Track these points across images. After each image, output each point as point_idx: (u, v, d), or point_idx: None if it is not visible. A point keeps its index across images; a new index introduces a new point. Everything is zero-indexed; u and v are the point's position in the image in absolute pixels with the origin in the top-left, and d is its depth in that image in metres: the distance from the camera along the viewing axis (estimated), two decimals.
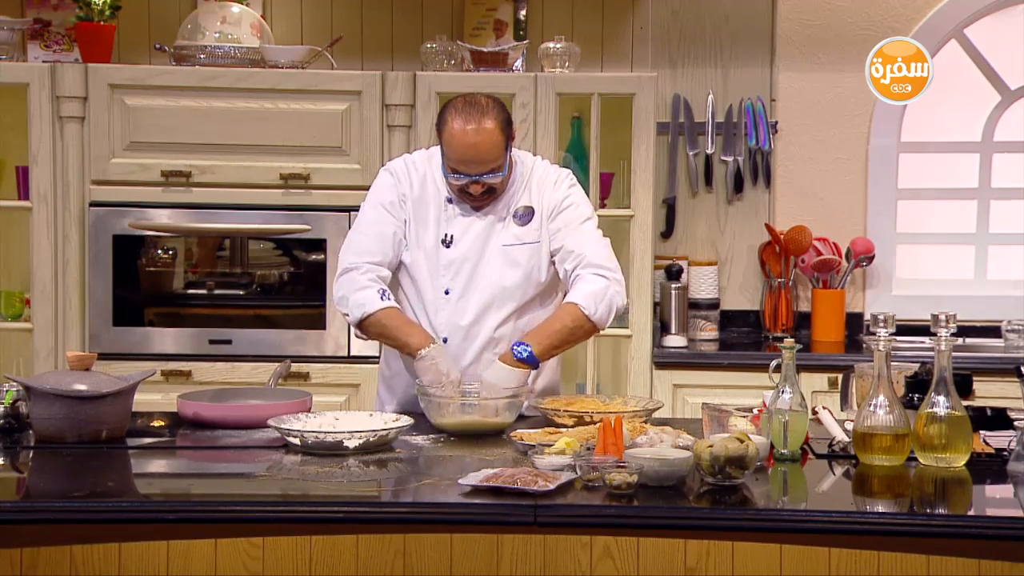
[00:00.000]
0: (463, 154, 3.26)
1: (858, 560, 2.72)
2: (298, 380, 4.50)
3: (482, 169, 3.28)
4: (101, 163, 4.61)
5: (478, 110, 3.25)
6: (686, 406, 4.55)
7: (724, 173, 5.12)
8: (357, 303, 3.32)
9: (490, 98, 3.34)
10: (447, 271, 3.38)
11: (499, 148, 3.27)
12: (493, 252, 3.37)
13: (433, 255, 3.39)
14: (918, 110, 5.08)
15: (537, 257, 3.38)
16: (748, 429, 2.78)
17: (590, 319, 3.29)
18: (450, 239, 3.38)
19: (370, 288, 3.32)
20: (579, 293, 3.31)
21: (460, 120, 3.25)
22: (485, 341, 3.38)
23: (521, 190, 3.40)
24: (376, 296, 3.31)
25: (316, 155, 4.63)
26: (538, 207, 3.39)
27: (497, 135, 3.26)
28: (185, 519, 2.51)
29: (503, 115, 3.30)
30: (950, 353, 2.75)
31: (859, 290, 5.12)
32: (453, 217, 3.39)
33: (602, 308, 3.30)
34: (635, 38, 5.09)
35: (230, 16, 4.79)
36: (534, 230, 3.38)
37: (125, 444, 2.96)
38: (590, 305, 3.29)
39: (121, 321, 4.64)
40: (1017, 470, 2.71)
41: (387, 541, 2.80)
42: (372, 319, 3.31)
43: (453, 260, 3.38)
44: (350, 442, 2.86)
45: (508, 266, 3.37)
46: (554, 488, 2.50)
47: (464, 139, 3.24)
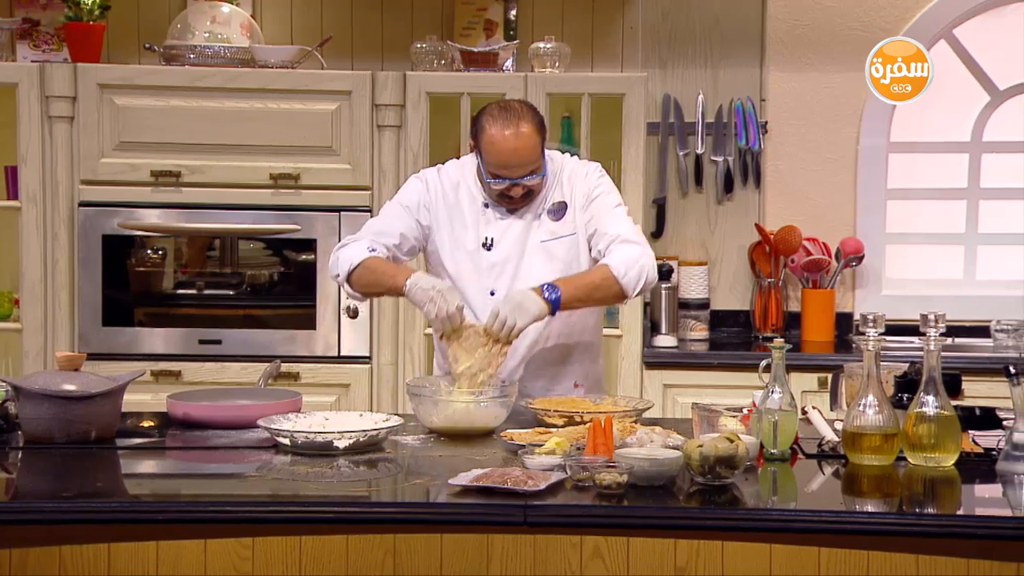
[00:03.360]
0: (504, 159, 3.34)
1: (847, 560, 2.73)
2: (288, 380, 4.49)
3: (522, 172, 3.36)
4: (90, 163, 4.60)
5: (515, 115, 3.35)
6: (676, 406, 4.55)
7: (714, 173, 5.13)
8: (345, 258, 3.40)
9: (523, 103, 3.46)
10: (490, 273, 3.46)
11: (537, 150, 3.37)
12: (532, 250, 3.46)
13: (476, 258, 3.46)
14: (907, 110, 5.09)
15: (575, 249, 3.47)
16: (738, 429, 2.78)
17: (618, 281, 3.30)
18: (491, 242, 3.46)
19: (359, 244, 3.41)
20: (612, 257, 3.35)
21: (499, 126, 3.33)
22: (535, 338, 3.43)
23: (554, 187, 3.48)
24: (364, 249, 3.39)
25: (306, 155, 4.62)
26: (570, 200, 3.47)
27: (535, 137, 3.35)
28: (174, 520, 2.50)
29: (537, 117, 3.40)
30: (939, 353, 2.76)
31: (848, 290, 5.12)
32: (492, 221, 3.47)
33: (632, 273, 3.31)
34: (625, 38, 5.09)
35: (220, 16, 4.78)
36: (568, 223, 3.47)
37: (114, 444, 2.95)
38: (621, 268, 3.31)
39: (110, 321, 4.63)
40: (1006, 470, 2.71)
41: (377, 541, 2.80)
42: (358, 269, 3.37)
43: (495, 262, 3.46)
44: (340, 442, 2.86)
45: (547, 261, 3.45)
46: (544, 488, 2.50)
47: (504, 144, 3.32)
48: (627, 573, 2.78)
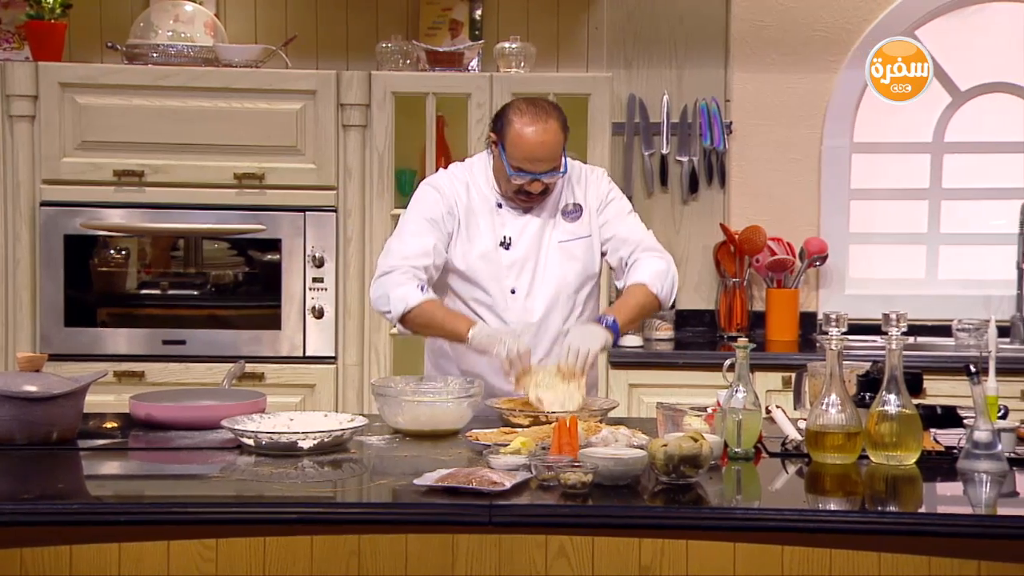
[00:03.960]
0: (531, 152, 3.38)
1: (811, 558, 2.74)
2: (253, 381, 4.47)
3: (546, 167, 3.41)
4: (52, 162, 4.56)
5: (543, 110, 3.41)
6: (642, 405, 4.57)
7: (679, 173, 5.15)
8: (398, 298, 3.38)
9: (548, 101, 3.54)
10: (510, 271, 3.48)
11: (560, 147, 3.43)
12: (551, 249, 3.50)
13: (494, 257, 3.48)
14: (870, 111, 5.12)
15: (591, 251, 3.55)
16: (702, 428, 2.79)
17: (658, 297, 3.49)
18: (508, 241, 3.49)
19: (408, 284, 3.40)
20: (645, 273, 3.49)
21: (527, 119, 3.39)
22: (555, 334, 3.47)
23: (565, 188, 3.54)
24: (416, 290, 3.39)
25: (271, 155, 4.60)
26: (584, 203, 3.55)
27: (560, 135, 3.42)
28: (137, 521, 2.49)
29: (562, 117, 3.46)
30: (901, 352, 2.78)
31: (812, 290, 5.15)
32: (508, 220, 3.50)
33: (667, 286, 3.50)
34: (590, 38, 5.10)
35: (183, 15, 4.76)
36: (584, 224, 3.54)
37: (76, 446, 2.93)
38: (657, 284, 3.48)
39: (73, 322, 4.59)
40: (966, 468, 2.73)
41: (341, 542, 2.79)
42: (416, 311, 3.38)
43: (515, 260, 3.49)
44: (304, 443, 2.85)
45: (567, 260, 3.51)
46: (509, 488, 2.50)
47: (533, 138, 3.37)
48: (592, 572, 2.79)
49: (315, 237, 4.61)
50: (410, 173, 4.79)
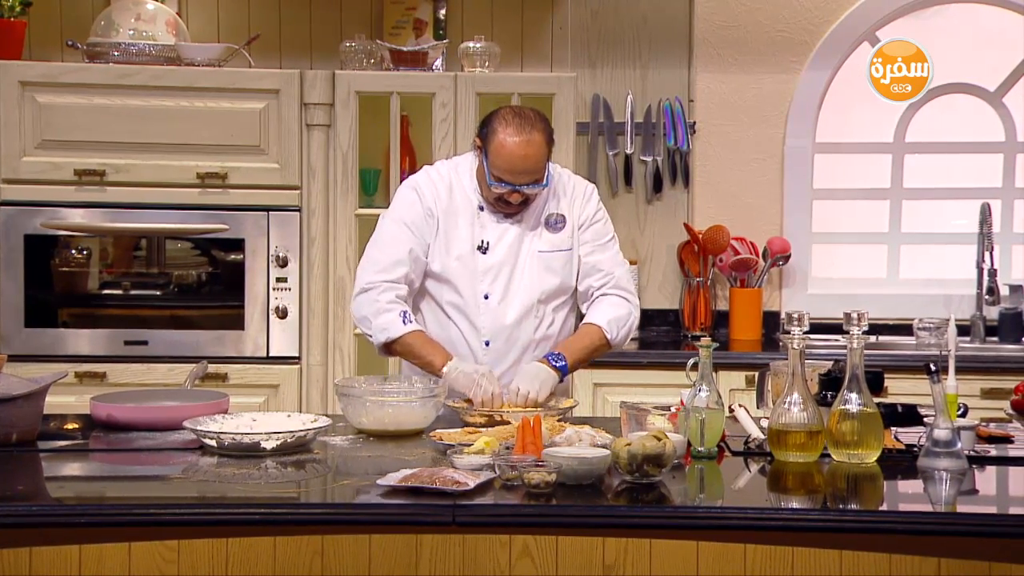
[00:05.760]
0: (513, 164, 3.35)
1: (773, 556, 2.75)
2: (216, 381, 4.45)
3: (527, 179, 3.38)
4: (11, 161, 4.53)
5: (528, 122, 3.37)
6: (606, 405, 4.58)
7: (643, 173, 5.16)
8: (380, 327, 3.39)
9: (535, 111, 3.45)
10: (485, 276, 3.46)
11: (543, 160, 3.39)
12: (529, 257, 3.48)
13: (470, 261, 3.45)
14: (832, 111, 5.16)
15: (570, 264, 3.52)
16: (666, 427, 2.80)
17: (611, 342, 3.50)
18: (486, 245, 3.46)
19: (392, 311, 3.39)
20: (604, 316, 3.49)
21: (512, 130, 3.35)
22: (527, 343, 3.47)
23: (550, 197, 3.50)
24: (399, 320, 3.38)
25: (234, 154, 4.58)
26: (569, 216, 3.51)
27: (544, 147, 3.38)
28: (98, 523, 2.47)
29: (548, 129, 3.42)
30: (862, 351, 2.80)
31: (776, 289, 5.18)
32: (487, 224, 3.47)
33: (622, 333, 3.51)
34: (555, 38, 5.11)
35: (145, 13, 4.72)
36: (567, 237, 3.51)
37: (36, 447, 2.90)
38: (612, 330, 3.49)
39: (33, 322, 4.55)
40: (927, 466, 2.76)
41: (304, 542, 2.78)
42: (398, 343, 3.40)
43: (491, 266, 3.46)
44: (267, 443, 2.84)
45: (545, 271, 3.48)
46: (473, 487, 2.50)
47: (515, 150, 3.34)
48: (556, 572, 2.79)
49: (279, 237, 4.60)
50: (374, 172, 4.78)
